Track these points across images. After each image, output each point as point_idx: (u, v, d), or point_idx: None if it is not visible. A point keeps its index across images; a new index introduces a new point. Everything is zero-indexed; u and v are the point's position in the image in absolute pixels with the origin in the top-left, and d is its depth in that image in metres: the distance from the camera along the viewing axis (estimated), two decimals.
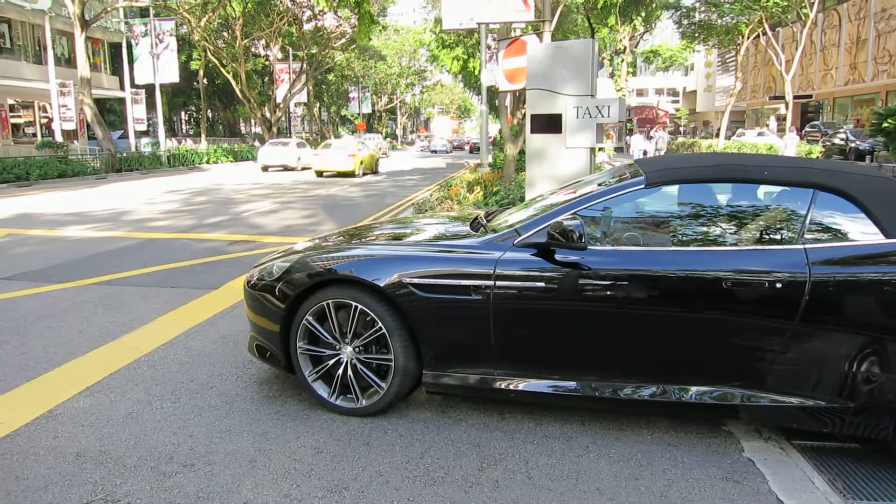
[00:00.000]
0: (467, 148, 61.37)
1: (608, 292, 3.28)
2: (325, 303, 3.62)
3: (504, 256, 3.39)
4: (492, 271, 3.36)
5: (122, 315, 5.68)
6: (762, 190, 3.52)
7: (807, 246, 3.10)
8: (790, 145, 26.58)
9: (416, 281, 3.45)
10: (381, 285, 3.48)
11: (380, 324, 3.50)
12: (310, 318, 3.66)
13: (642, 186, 3.44)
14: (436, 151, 59.25)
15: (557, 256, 3.32)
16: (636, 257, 3.35)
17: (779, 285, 3.05)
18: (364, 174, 27.25)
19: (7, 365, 4.48)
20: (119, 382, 4.16)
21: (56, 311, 5.79)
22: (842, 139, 26.45)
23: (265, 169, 30.77)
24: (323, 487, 2.93)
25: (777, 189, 3.48)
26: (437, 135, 71.41)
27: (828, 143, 27.34)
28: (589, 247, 3.30)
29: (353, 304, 3.55)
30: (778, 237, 3.31)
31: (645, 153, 28.16)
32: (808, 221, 3.19)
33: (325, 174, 26.71)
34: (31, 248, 9.27)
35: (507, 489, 2.92)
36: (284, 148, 31.59)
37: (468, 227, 4.10)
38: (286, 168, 31.16)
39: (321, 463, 3.15)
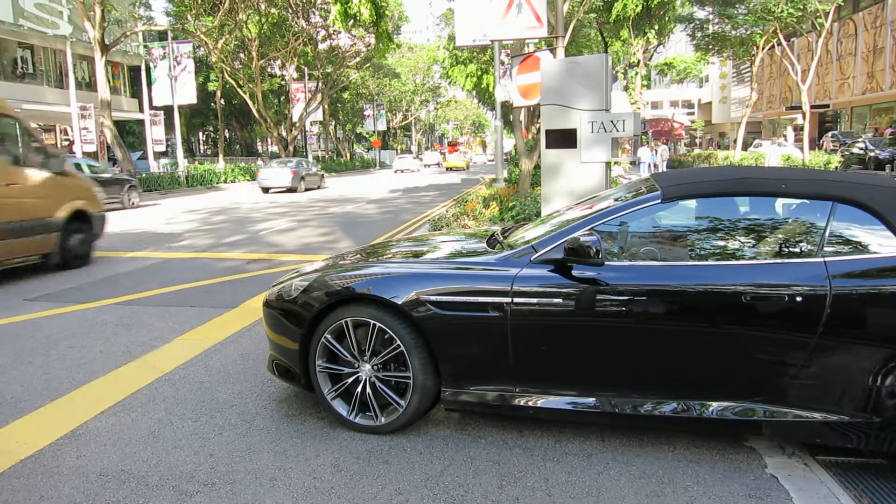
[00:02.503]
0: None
1: (626, 308, 3.27)
2: (343, 321, 3.63)
3: (521, 273, 3.39)
4: (509, 287, 3.36)
5: (142, 335, 5.74)
6: (780, 203, 3.50)
7: (827, 259, 3.07)
8: (773, 156, 26.23)
9: (433, 298, 3.46)
10: (399, 303, 3.49)
11: (398, 341, 3.51)
12: (328, 337, 3.68)
13: (659, 201, 3.43)
14: (474, 161, 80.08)
15: (575, 272, 3.31)
16: (654, 272, 3.34)
17: (799, 299, 3.02)
18: (465, 168, 54.34)
19: (31, 385, 4.54)
20: (140, 402, 4.20)
21: (78, 332, 5.87)
22: (861, 148, 26.21)
23: (396, 172, 49.65)
24: None
25: (795, 202, 3.46)
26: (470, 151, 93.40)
27: (846, 153, 27.10)
28: (606, 262, 3.29)
29: (372, 322, 3.56)
30: (797, 250, 3.28)
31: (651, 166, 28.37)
32: (827, 234, 3.17)
33: (450, 169, 54.19)
34: (53, 268, 9.38)
35: None
36: (408, 158, 54.19)
37: (485, 244, 4.11)
38: (409, 171, 49.94)
39: (341, 481, 3.16)
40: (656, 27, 34.12)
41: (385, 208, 19.13)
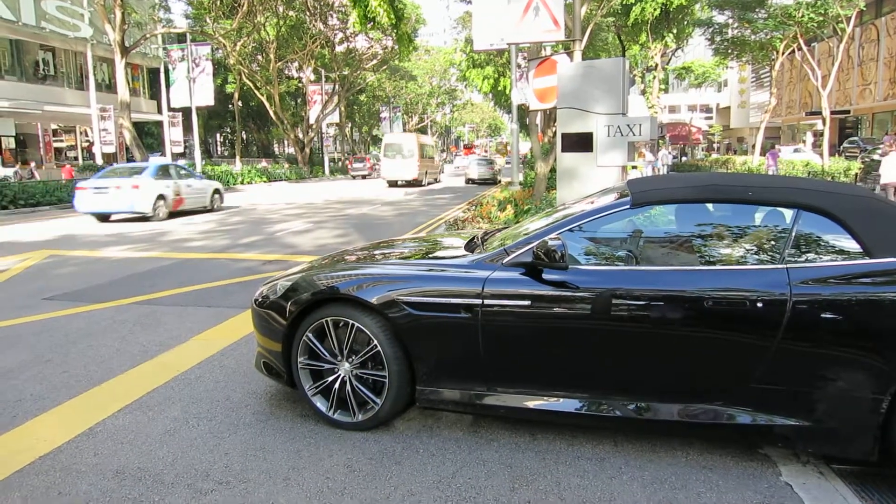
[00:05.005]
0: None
1: (591, 310, 3.30)
2: (324, 320, 3.72)
3: (493, 276, 3.45)
4: (480, 290, 3.42)
5: (159, 334, 5.80)
6: (747, 210, 3.55)
7: (789, 266, 3.10)
8: (772, 164, 26.70)
9: (407, 299, 3.54)
10: (376, 303, 3.57)
11: (375, 341, 3.58)
12: (310, 335, 3.77)
13: (627, 207, 3.49)
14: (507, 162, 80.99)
15: (545, 275, 3.37)
16: (620, 276, 3.40)
17: (760, 305, 3.05)
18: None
19: (50, 383, 4.60)
20: (157, 400, 4.25)
21: (96, 331, 5.94)
22: (881, 154, 25.89)
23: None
24: None
25: (761, 209, 3.50)
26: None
27: (867, 160, 26.79)
28: (575, 266, 3.38)
29: (350, 321, 3.65)
30: (760, 257, 3.32)
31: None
32: (791, 241, 3.20)
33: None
34: (72, 268, 9.52)
35: None
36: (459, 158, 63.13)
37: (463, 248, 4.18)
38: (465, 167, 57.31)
39: (354, 481, 3.18)
40: (675, 31, 33.88)
41: (400, 210, 19.19)
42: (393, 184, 34.81)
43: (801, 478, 3.16)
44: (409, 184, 34.44)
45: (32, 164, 29.36)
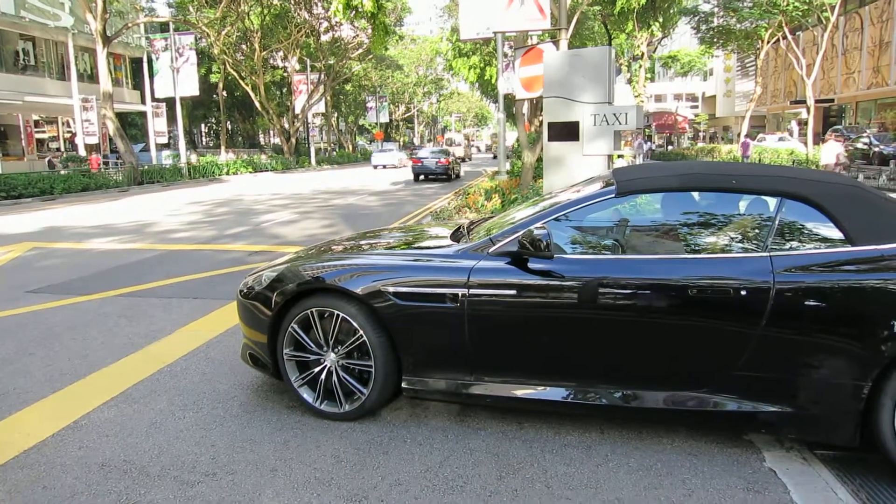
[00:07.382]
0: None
1: (576, 299, 3.32)
2: (309, 311, 3.71)
3: (478, 265, 3.46)
4: (466, 279, 3.43)
5: (145, 326, 5.76)
6: (731, 198, 3.56)
7: (772, 254, 3.13)
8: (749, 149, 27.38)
9: (393, 289, 3.54)
10: (361, 294, 3.57)
11: (361, 331, 3.58)
12: (295, 326, 3.76)
13: (612, 195, 3.51)
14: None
15: (530, 265, 3.38)
16: (605, 265, 3.42)
17: (743, 293, 3.08)
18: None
19: (34, 376, 4.57)
20: (142, 393, 4.23)
21: (81, 323, 5.89)
22: (865, 143, 26.13)
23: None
24: (343, 497, 2.96)
25: (745, 197, 3.52)
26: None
27: (850, 148, 27.01)
28: (561, 255, 3.39)
29: (336, 312, 3.64)
30: (745, 245, 3.35)
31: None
32: (774, 229, 3.22)
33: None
34: (56, 261, 9.43)
35: (525, 498, 2.92)
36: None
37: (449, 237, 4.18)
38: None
39: (341, 472, 3.18)
40: (661, 20, 33.94)
41: (387, 200, 19.13)
42: None
43: (785, 463, 3.19)
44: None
45: (64, 154, 30.46)
